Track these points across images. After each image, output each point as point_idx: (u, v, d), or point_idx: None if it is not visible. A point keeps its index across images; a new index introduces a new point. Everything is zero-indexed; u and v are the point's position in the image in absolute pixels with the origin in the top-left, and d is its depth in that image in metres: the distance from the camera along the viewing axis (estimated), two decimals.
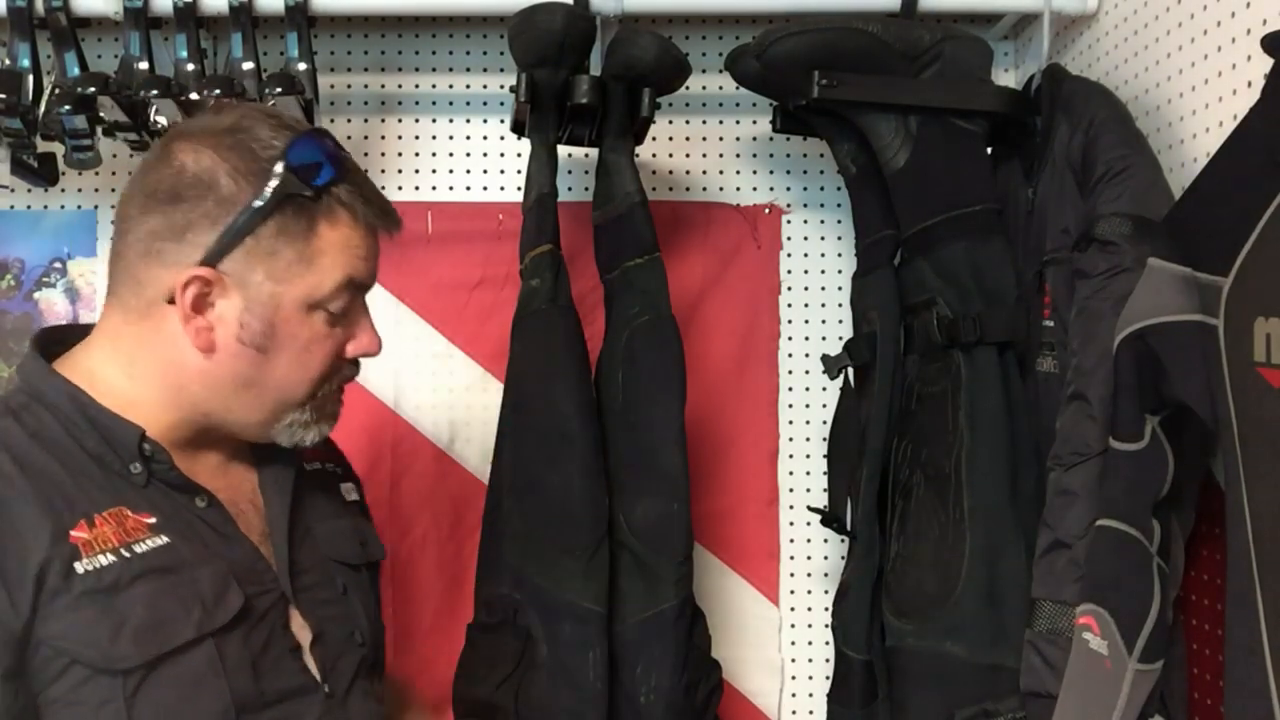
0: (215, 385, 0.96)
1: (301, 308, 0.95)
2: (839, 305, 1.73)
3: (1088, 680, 1.09)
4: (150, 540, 0.90)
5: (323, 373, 0.99)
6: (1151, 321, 1.05)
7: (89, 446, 0.92)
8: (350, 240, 0.96)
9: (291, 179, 0.92)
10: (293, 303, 0.94)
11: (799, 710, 1.72)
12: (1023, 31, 1.67)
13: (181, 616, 0.89)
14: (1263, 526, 0.94)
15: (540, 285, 1.43)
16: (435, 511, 1.70)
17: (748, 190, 1.75)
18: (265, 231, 0.92)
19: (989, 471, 1.30)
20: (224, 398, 0.97)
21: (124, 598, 0.87)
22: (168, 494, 0.95)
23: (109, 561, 0.87)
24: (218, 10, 1.47)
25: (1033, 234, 1.35)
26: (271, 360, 0.96)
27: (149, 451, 0.94)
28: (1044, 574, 1.20)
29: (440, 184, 1.73)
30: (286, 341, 0.95)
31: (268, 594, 0.98)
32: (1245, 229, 0.96)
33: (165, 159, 0.94)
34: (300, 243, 0.93)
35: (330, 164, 0.95)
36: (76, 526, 0.87)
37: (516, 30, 1.43)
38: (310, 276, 0.94)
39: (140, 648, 0.87)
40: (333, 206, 0.95)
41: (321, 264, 0.95)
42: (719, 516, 1.71)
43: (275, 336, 0.95)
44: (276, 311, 0.94)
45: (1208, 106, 1.20)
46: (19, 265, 1.69)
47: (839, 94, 1.39)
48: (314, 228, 0.94)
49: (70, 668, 0.86)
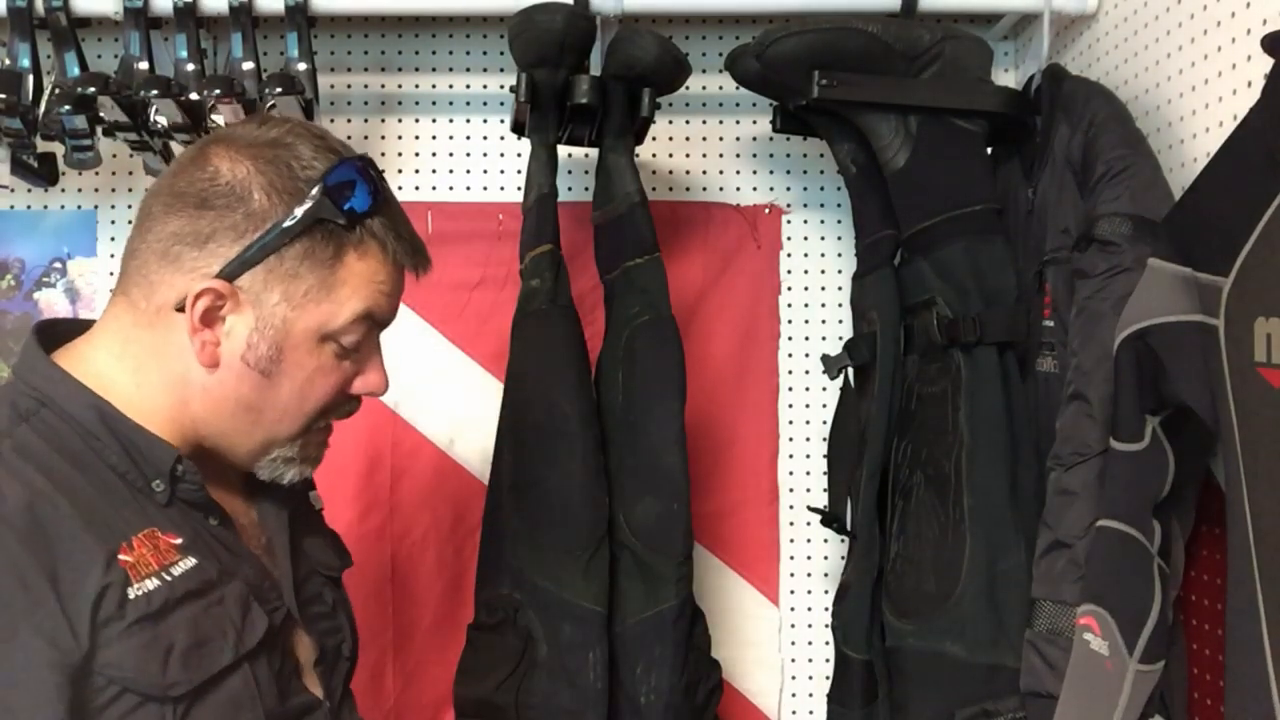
0: (214, 404, 0.92)
1: (314, 336, 0.91)
2: (839, 305, 1.73)
3: (1088, 680, 1.09)
4: (183, 562, 0.87)
5: (321, 406, 0.95)
6: (1152, 322, 1.05)
7: (111, 461, 0.88)
8: (376, 274, 0.93)
9: (326, 203, 0.89)
10: (305, 330, 0.91)
11: (799, 710, 1.73)
12: (1023, 31, 1.67)
13: (220, 640, 0.87)
14: (1263, 526, 0.94)
15: (541, 285, 1.43)
16: (435, 511, 1.69)
17: (748, 190, 1.75)
18: (290, 253, 0.89)
19: (989, 471, 1.30)
20: (221, 419, 0.93)
21: (169, 623, 0.85)
22: (187, 513, 0.92)
23: (155, 586, 0.84)
24: (218, 10, 1.47)
25: (1033, 234, 1.35)
26: (274, 386, 0.92)
27: (181, 472, 0.91)
28: (1044, 574, 1.20)
29: (440, 184, 1.73)
30: (292, 369, 0.92)
31: (277, 612, 0.95)
32: (1245, 229, 0.96)
33: (200, 162, 0.90)
34: (324, 269, 0.90)
35: (369, 193, 0.91)
36: (121, 550, 0.84)
37: (517, 30, 1.43)
38: (328, 305, 0.91)
39: (189, 673, 0.85)
40: (364, 238, 0.91)
41: (342, 294, 0.91)
42: (719, 516, 1.71)
43: (282, 362, 0.91)
44: (287, 337, 0.91)
45: (1208, 106, 1.20)
46: (19, 265, 1.69)
47: (839, 94, 1.39)
48: (341, 256, 0.91)
49: (121, 696, 0.83)
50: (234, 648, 0.88)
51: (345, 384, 0.96)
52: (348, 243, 0.90)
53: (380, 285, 0.93)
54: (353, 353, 0.94)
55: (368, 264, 0.92)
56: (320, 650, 1.00)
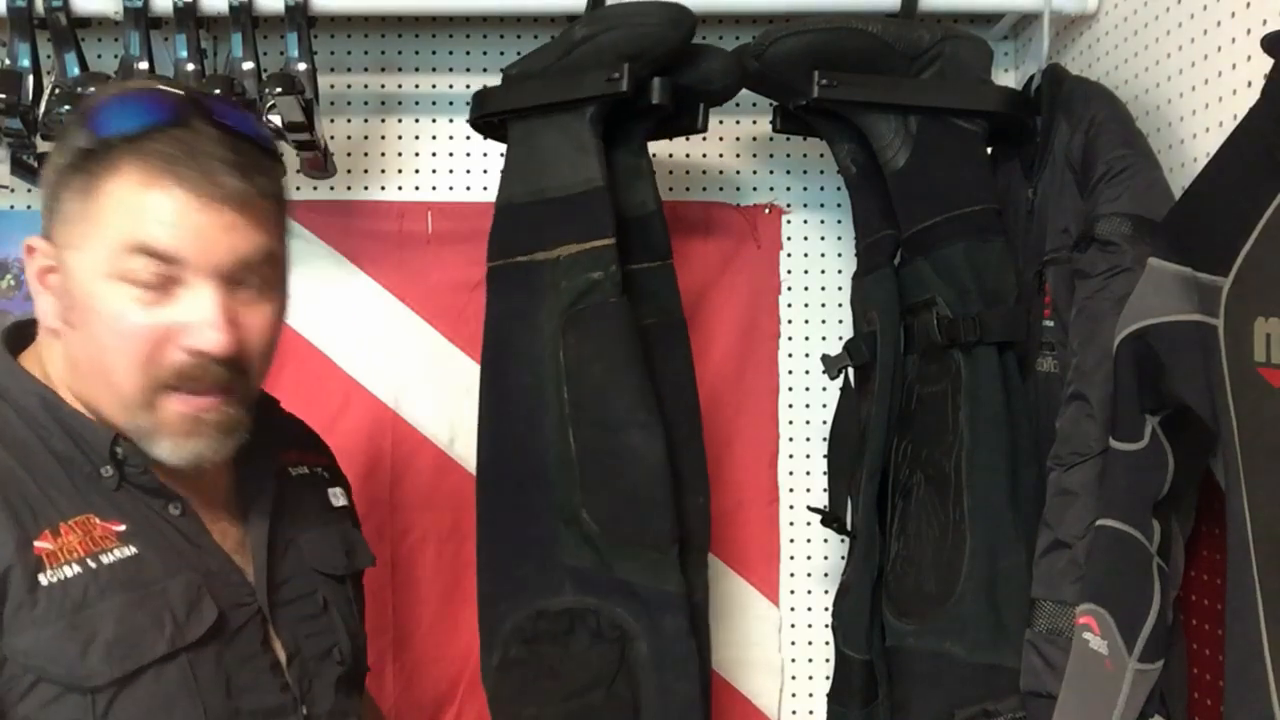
0: (71, 373, 0.90)
1: (96, 277, 0.84)
2: (839, 305, 1.73)
3: (1088, 680, 1.09)
4: (118, 550, 0.85)
5: (141, 358, 0.86)
6: (1151, 321, 1.05)
7: (56, 448, 0.88)
8: (138, 198, 0.83)
9: (83, 132, 0.84)
10: (85, 270, 0.85)
11: (799, 710, 1.72)
12: (1023, 31, 1.67)
13: (153, 631, 0.85)
14: (1262, 526, 0.94)
15: (604, 278, 1.38)
16: (435, 511, 1.69)
17: (748, 190, 1.75)
18: (66, 193, 0.85)
19: (989, 471, 1.30)
20: (81, 387, 0.90)
21: (92, 612, 0.83)
22: (138, 499, 0.90)
23: (74, 573, 0.83)
24: (218, 10, 1.47)
25: (1033, 234, 1.35)
26: (87, 339, 0.86)
27: (121, 455, 0.89)
28: (1044, 574, 1.20)
29: (440, 184, 1.73)
30: (91, 318, 0.85)
31: (243, 608, 0.93)
32: (1245, 229, 0.96)
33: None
34: (83, 201, 0.84)
35: (135, 114, 0.84)
36: (41, 536, 0.82)
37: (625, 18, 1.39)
38: (95, 240, 0.84)
39: (111, 664, 0.83)
40: (117, 160, 0.83)
41: (103, 223, 0.84)
42: (719, 516, 1.69)
43: (75, 309, 0.86)
44: (77, 282, 0.85)
45: (1208, 106, 1.20)
46: (19, 265, 1.69)
47: (839, 94, 1.39)
48: (95, 184, 0.84)
49: (37, 685, 0.81)
50: (170, 640, 0.85)
51: (168, 335, 0.86)
52: (99, 168, 0.84)
53: (149, 211, 0.83)
54: (163, 296, 0.85)
55: (124, 188, 0.84)
56: (294, 651, 0.97)
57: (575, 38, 1.41)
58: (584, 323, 1.39)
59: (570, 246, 1.39)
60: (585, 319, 1.39)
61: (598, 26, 1.40)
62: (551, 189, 1.41)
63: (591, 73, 1.38)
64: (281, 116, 1.45)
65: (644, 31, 1.37)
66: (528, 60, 1.47)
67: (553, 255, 1.40)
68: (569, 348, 1.39)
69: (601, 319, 1.38)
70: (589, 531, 1.36)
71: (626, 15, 1.39)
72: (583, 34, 1.40)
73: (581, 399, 1.38)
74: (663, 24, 1.37)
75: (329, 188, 1.71)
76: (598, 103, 1.38)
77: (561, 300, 1.39)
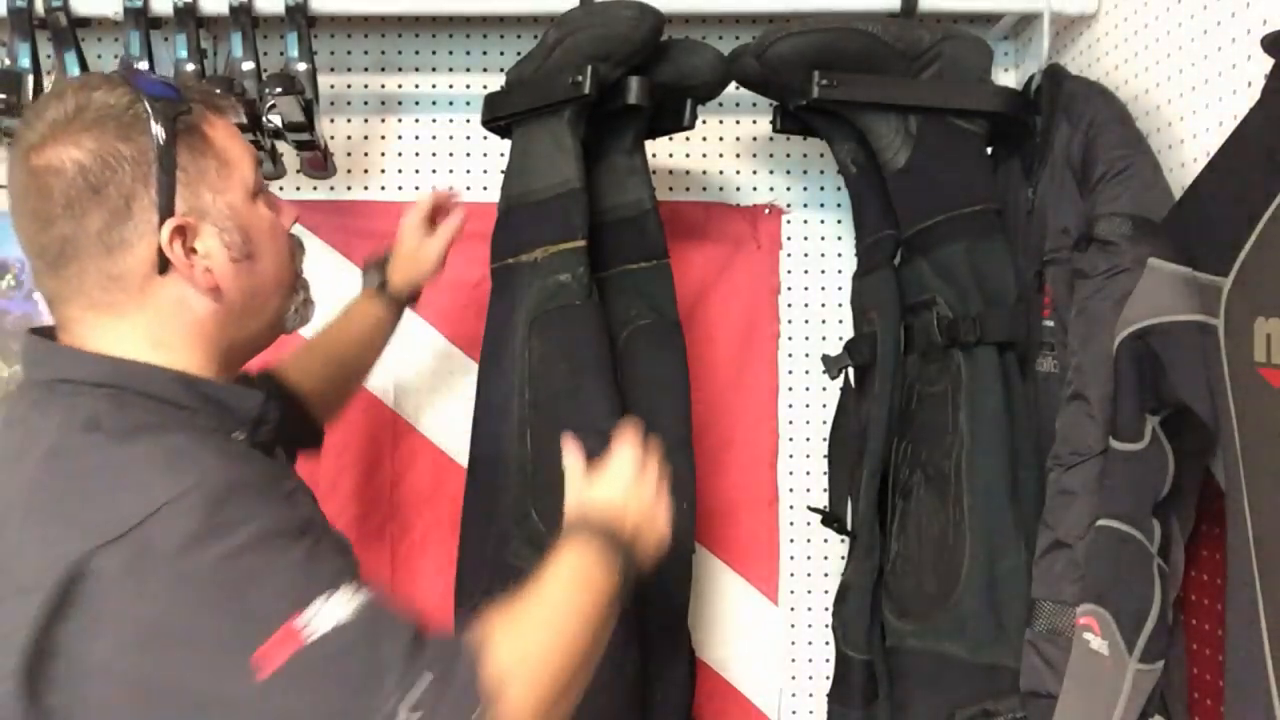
0: (231, 315, 0.98)
1: (248, 200, 0.99)
2: (839, 305, 1.73)
3: (1088, 680, 1.09)
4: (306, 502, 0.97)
5: (291, 247, 1.05)
6: (1152, 321, 1.05)
7: (203, 425, 0.93)
8: (228, 128, 1.00)
9: (162, 105, 0.93)
10: (240, 200, 0.98)
11: (799, 710, 1.72)
12: (1023, 31, 1.67)
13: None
14: (1262, 526, 0.94)
15: (571, 280, 1.38)
16: (435, 511, 1.69)
17: (748, 190, 1.75)
18: (183, 158, 0.94)
19: (989, 471, 1.30)
20: (248, 321, 1.00)
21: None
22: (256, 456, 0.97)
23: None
24: (218, 10, 1.47)
25: (1033, 234, 1.35)
26: (260, 260, 0.99)
27: (262, 413, 0.98)
28: (1044, 574, 1.20)
29: (440, 184, 1.73)
30: (259, 237, 0.99)
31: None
32: (1245, 229, 0.97)
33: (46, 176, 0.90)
34: (205, 147, 0.96)
35: (162, 82, 0.98)
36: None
37: (587, 20, 1.39)
38: (233, 169, 0.98)
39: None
40: (195, 107, 0.97)
41: (231, 155, 0.98)
42: (719, 516, 1.71)
43: (251, 238, 0.98)
44: (238, 215, 0.97)
45: (1208, 106, 1.20)
46: (19, 265, 1.69)
47: (839, 94, 1.39)
48: (201, 130, 0.96)
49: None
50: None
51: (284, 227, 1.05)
52: (195, 118, 0.96)
53: (236, 133, 1.01)
54: (267, 197, 1.03)
55: (218, 127, 0.99)
56: None
57: (549, 41, 1.42)
58: (550, 325, 1.39)
59: (546, 248, 1.40)
60: (551, 321, 1.39)
61: (565, 29, 1.41)
62: (536, 191, 1.42)
63: (565, 75, 1.39)
64: (281, 116, 1.45)
65: (605, 33, 1.38)
66: (521, 64, 1.48)
67: (532, 257, 1.41)
68: (533, 350, 1.39)
69: (567, 322, 1.38)
70: (535, 532, 1.34)
71: (590, 17, 1.40)
72: (555, 37, 1.42)
73: (539, 400, 1.38)
74: (625, 24, 1.37)
75: (329, 188, 1.71)
76: (572, 105, 1.39)
77: (531, 301, 1.39)
